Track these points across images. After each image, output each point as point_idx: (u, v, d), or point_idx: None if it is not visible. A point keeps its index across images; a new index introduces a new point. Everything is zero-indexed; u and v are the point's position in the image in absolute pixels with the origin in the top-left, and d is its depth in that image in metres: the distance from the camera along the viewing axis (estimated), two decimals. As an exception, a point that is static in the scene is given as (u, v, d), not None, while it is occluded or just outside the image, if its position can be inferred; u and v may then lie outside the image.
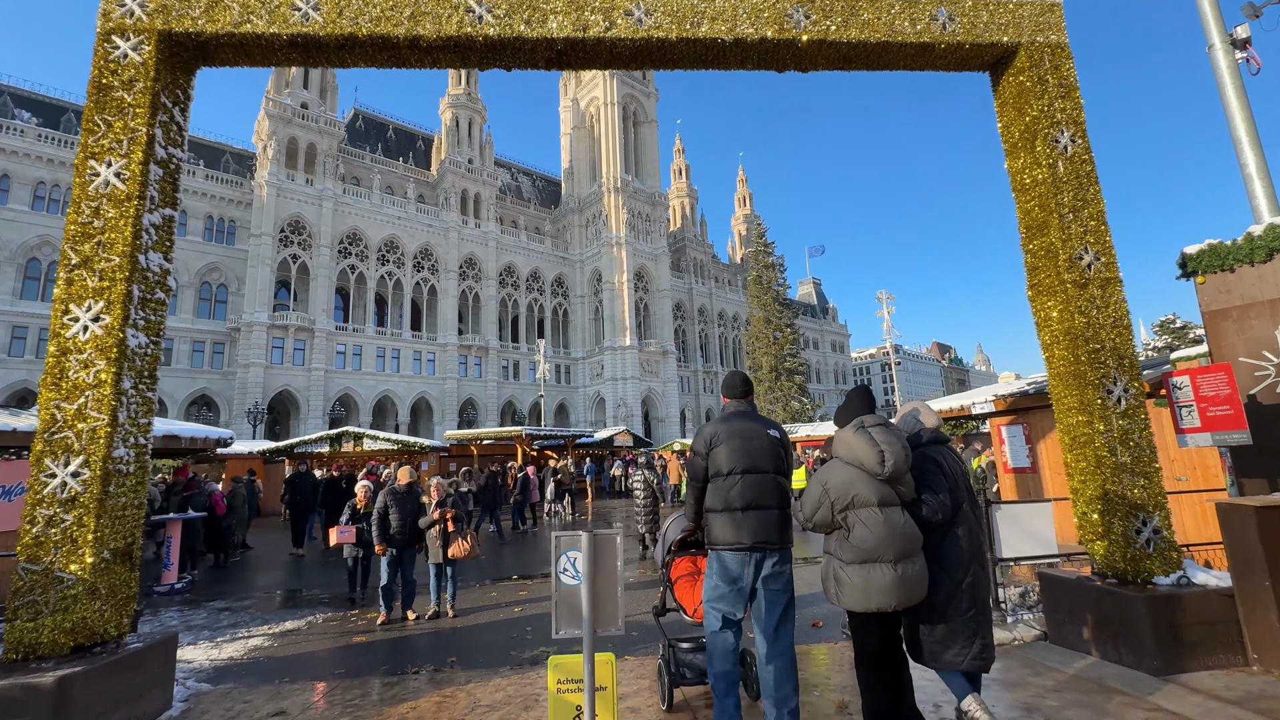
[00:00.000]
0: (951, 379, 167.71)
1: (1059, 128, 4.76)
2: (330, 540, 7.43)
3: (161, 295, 4.24)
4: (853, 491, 2.86)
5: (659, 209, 67.96)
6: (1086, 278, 4.54)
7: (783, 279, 55.08)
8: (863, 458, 2.87)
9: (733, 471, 3.23)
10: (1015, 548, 4.97)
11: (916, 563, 2.80)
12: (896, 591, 2.73)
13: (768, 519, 3.15)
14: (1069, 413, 4.55)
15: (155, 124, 4.14)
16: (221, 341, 45.64)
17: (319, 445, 18.56)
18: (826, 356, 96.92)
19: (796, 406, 51.58)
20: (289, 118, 47.79)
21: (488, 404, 54.77)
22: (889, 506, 2.83)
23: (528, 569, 10.03)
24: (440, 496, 6.70)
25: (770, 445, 3.31)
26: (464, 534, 6.59)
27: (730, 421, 3.40)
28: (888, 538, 2.75)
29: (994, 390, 9.83)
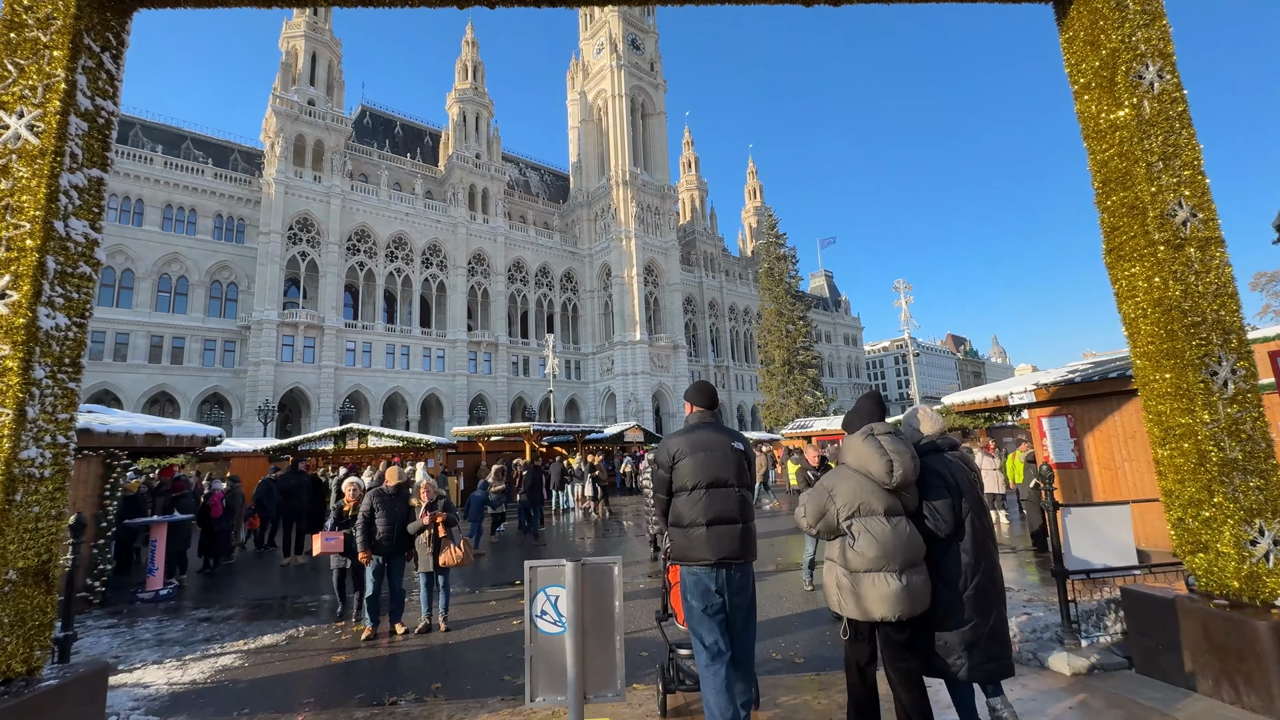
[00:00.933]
0: (967, 372, 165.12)
1: (1143, 61, 4.00)
2: (315, 548, 6.55)
3: (87, 270, 3.65)
4: (859, 500, 2.84)
5: (668, 202, 67.07)
6: (1182, 237, 3.79)
7: (794, 271, 54.01)
8: (871, 466, 2.84)
9: (697, 486, 3.17)
10: (1088, 557, 4.24)
11: (921, 573, 2.78)
12: (901, 602, 2.70)
13: (732, 533, 3.12)
14: (1161, 399, 3.80)
15: (78, 70, 3.54)
16: (232, 340, 45.68)
17: (323, 443, 18.14)
18: (839, 350, 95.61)
19: (810, 400, 50.61)
20: (296, 114, 47.59)
21: (498, 400, 54.44)
22: (895, 516, 2.81)
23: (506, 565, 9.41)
24: (431, 499, 6.12)
25: (734, 458, 3.25)
26: (456, 540, 6.00)
27: (693, 433, 3.32)
28: (894, 548, 2.73)
29: (1034, 379, 9.02)
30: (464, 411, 51.95)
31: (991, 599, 2.82)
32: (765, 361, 54.07)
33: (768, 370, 52.87)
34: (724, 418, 71.74)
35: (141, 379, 41.58)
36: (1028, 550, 9.41)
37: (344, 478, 11.95)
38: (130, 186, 43.22)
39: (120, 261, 42.31)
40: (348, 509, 6.73)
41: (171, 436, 8.51)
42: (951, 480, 2.90)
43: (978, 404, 9.45)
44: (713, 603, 3.05)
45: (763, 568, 8.79)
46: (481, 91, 61.67)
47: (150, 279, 43.03)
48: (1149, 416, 3.92)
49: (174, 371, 42.89)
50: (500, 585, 8.60)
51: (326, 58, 51.51)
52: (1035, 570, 8.20)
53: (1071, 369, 9.77)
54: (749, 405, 74.29)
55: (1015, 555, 9.20)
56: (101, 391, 40.89)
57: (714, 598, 3.06)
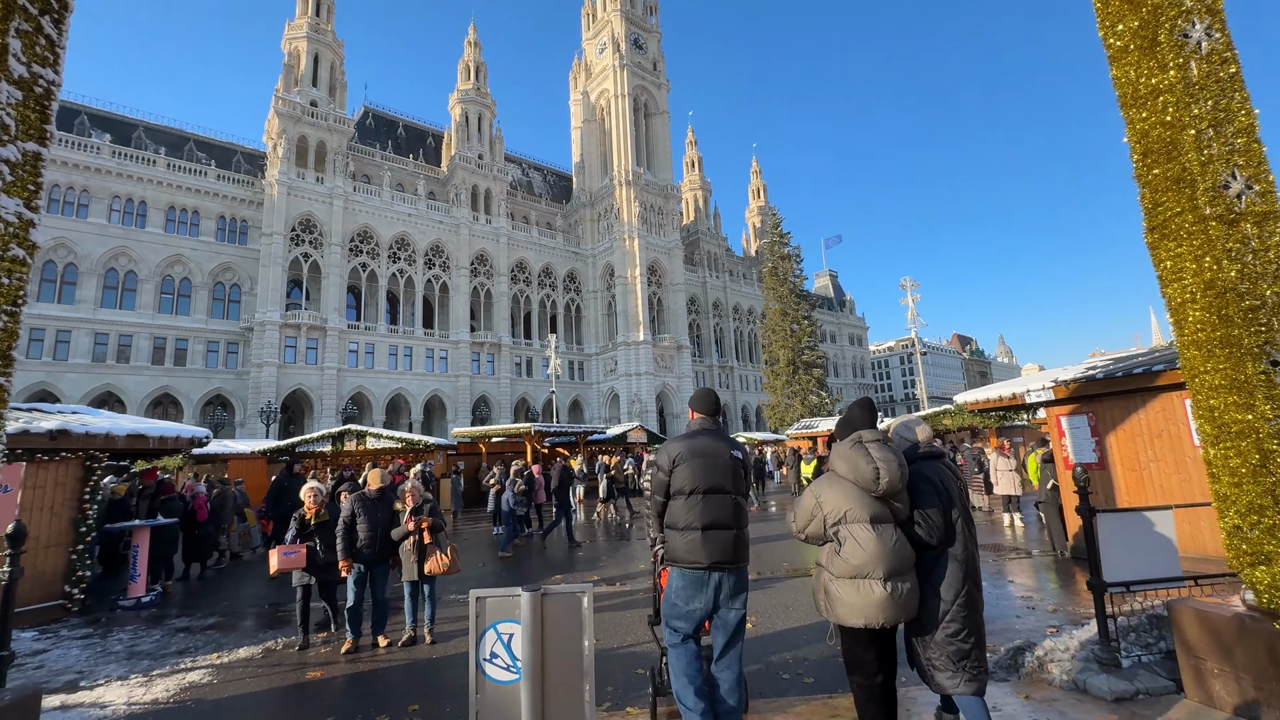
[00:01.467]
0: (973, 371, 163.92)
1: (1188, 18, 3.61)
2: (271, 565, 5.77)
3: (20, 253, 3.32)
4: (846, 506, 2.85)
5: (671, 202, 66.71)
6: (1236, 212, 3.39)
7: (799, 270, 53.56)
8: (858, 473, 2.85)
9: (694, 491, 3.26)
10: (1129, 567, 3.84)
11: (908, 580, 2.78)
12: (886, 609, 2.72)
13: (726, 539, 3.19)
14: (1214, 393, 3.41)
15: (10, 32, 3.21)
16: (235, 341, 45.61)
17: (321, 444, 17.85)
18: (844, 349, 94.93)
19: (815, 400, 50.13)
20: (298, 115, 47.52)
21: (501, 401, 54.20)
22: (882, 524, 2.81)
23: (526, 578, 9.07)
24: (416, 502, 5.74)
25: (731, 466, 3.33)
26: (443, 546, 5.66)
27: (694, 439, 3.40)
28: (879, 555, 2.73)
29: (1052, 375, 8.60)
30: (467, 413, 51.72)
31: (979, 607, 2.87)
32: (770, 361, 53.61)
33: (772, 370, 52.42)
34: (728, 418, 71.31)
35: (145, 381, 41.54)
36: (1045, 555, 8.99)
37: (338, 480, 11.67)
38: (133, 189, 43.21)
39: (124, 264, 42.32)
40: (309, 517, 6.05)
41: (155, 438, 8.20)
42: (942, 487, 2.91)
43: (992, 402, 9.04)
44: (704, 605, 3.17)
45: (775, 573, 8.41)
46: (484, 92, 61.52)
47: (153, 281, 43.01)
48: (1199, 412, 3.52)
49: (177, 373, 42.82)
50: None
51: (329, 59, 51.45)
52: (1055, 577, 7.78)
53: (1091, 365, 9.34)
54: (753, 406, 73.78)
55: (1032, 560, 8.78)
56: (105, 393, 40.87)
57: (706, 599, 3.17)
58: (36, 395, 39.14)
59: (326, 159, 48.85)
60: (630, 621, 6.10)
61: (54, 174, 40.29)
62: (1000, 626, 5.46)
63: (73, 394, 38.74)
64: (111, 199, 42.32)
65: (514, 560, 11.04)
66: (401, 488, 5.87)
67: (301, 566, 5.87)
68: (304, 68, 49.55)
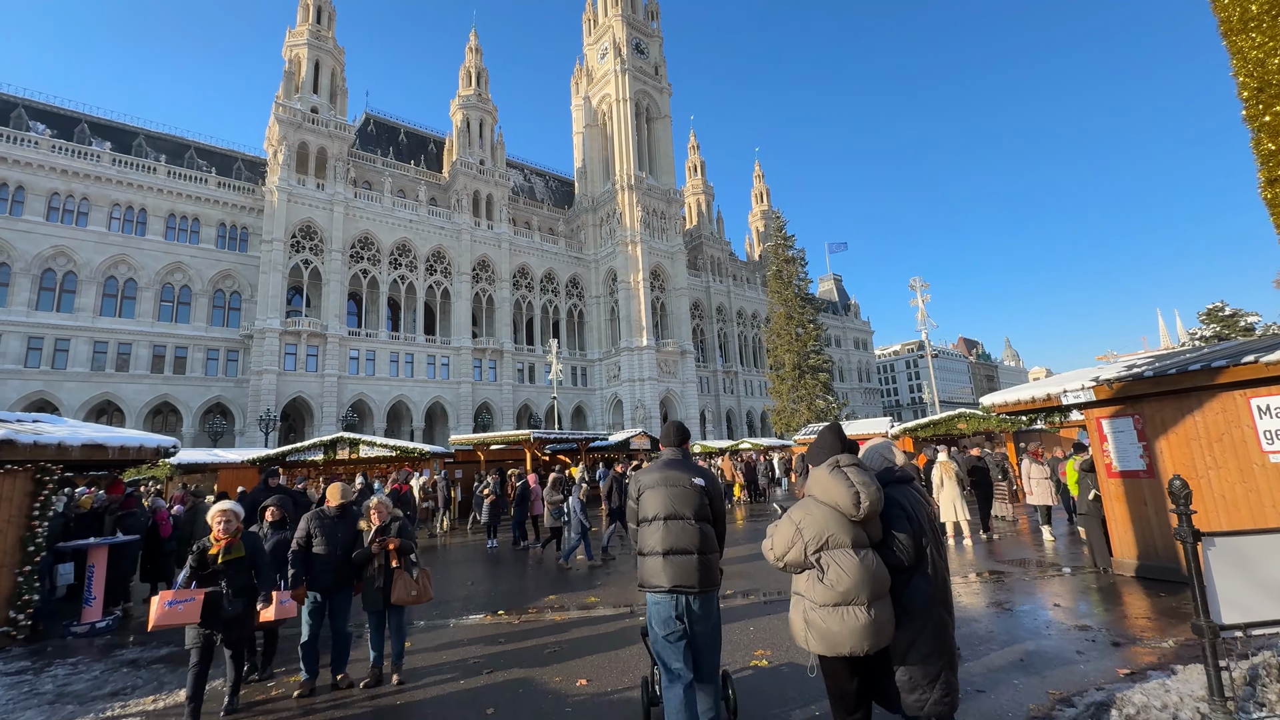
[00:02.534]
0: (979, 375, 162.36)
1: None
2: (151, 616, 4.26)
3: None
4: (828, 532, 2.83)
5: (674, 206, 66.21)
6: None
7: (804, 273, 52.85)
8: (838, 498, 2.84)
9: (656, 518, 3.46)
10: (1247, 607, 3.08)
11: (887, 605, 2.78)
12: (869, 635, 2.69)
13: (687, 564, 3.34)
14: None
15: None
16: (235, 349, 45.20)
17: (312, 453, 17.18)
18: (850, 354, 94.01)
19: (822, 405, 49.27)
20: (299, 122, 47.32)
21: (503, 408, 53.56)
22: (862, 548, 2.80)
23: (516, 599, 8.32)
24: (382, 521, 5.02)
25: (693, 494, 3.50)
26: (413, 570, 4.94)
27: (660, 470, 3.60)
28: (863, 580, 2.72)
29: (1091, 374, 7.83)
30: (469, 420, 51.10)
31: (949, 630, 2.86)
32: (775, 366, 52.81)
33: (778, 375, 51.61)
34: (733, 424, 70.43)
35: (144, 389, 41.13)
36: (1086, 572, 8.17)
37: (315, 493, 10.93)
38: (134, 196, 43.00)
39: (123, 271, 42.05)
40: (215, 551, 4.53)
41: (115, 448, 7.53)
42: (911, 511, 2.91)
43: (1024, 404, 8.26)
44: (674, 629, 3.29)
45: (783, 593, 7.64)
46: (485, 98, 61.34)
47: (153, 289, 42.70)
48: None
49: (176, 381, 42.39)
50: (482, 612, 7.50)
51: (329, 65, 51.34)
52: (1103, 600, 6.96)
53: (1130, 363, 8.56)
54: (758, 411, 72.88)
55: (1074, 579, 7.96)
56: (104, 402, 40.50)
57: (674, 624, 3.29)
58: (35, 405, 38.76)
59: (327, 165, 48.61)
60: (630, 660, 5.37)
61: (54, 182, 40.13)
62: (1060, 666, 4.67)
63: (71, 403, 38.37)
64: (111, 207, 42.11)
65: (511, 574, 10.30)
66: (366, 503, 5.09)
67: (194, 621, 4.29)
68: (305, 74, 49.43)
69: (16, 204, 39.02)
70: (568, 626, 6.59)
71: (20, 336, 37.77)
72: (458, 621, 7.16)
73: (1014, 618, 6.28)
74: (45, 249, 39.26)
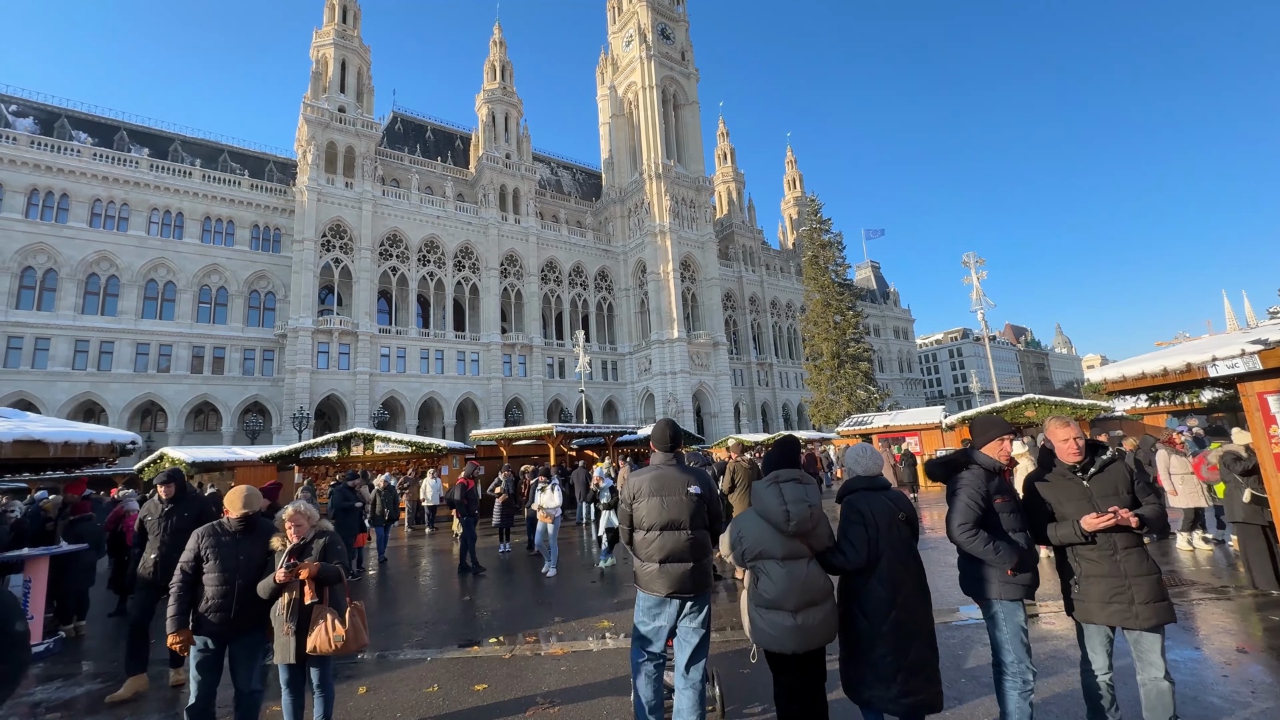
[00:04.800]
0: (1029, 364, 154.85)
1: None
2: None
3: None
4: (761, 545, 3.06)
5: (704, 194, 64.40)
6: None
7: (842, 258, 50.47)
8: (771, 513, 3.04)
9: (652, 527, 3.52)
10: None
11: (819, 611, 2.97)
12: (794, 638, 2.94)
13: (683, 571, 3.45)
14: None
15: None
16: (271, 349, 45.84)
17: (326, 450, 16.53)
18: (889, 344, 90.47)
19: (863, 396, 46.97)
20: (327, 122, 47.58)
21: (533, 403, 53.04)
22: (793, 560, 3.01)
23: (514, 621, 7.03)
24: (300, 537, 3.68)
25: (688, 502, 3.52)
26: (341, 608, 3.64)
27: (654, 474, 3.62)
28: (787, 591, 2.95)
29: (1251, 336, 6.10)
30: (499, 415, 50.76)
31: (912, 633, 2.96)
32: (812, 356, 50.68)
33: (815, 365, 49.50)
34: (769, 417, 68.36)
35: (184, 389, 42.03)
36: (1241, 592, 6.47)
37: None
38: (171, 200, 43.93)
39: (163, 274, 43.01)
40: None
41: (57, 444, 6.60)
42: (870, 517, 3.05)
43: (1152, 379, 6.58)
44: (659, 625, 3.48)
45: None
46: (510, 91, 60.77)
47: (191, 290, 43.58)
48: None
49: (215, 381, 43.19)
50: (470, 644, 6.28)
51: (356, 65, 51.51)
52: (1267, 637, 5.33)
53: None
54: (794, 403, 70.61)
55: (1228, 603, 6.29)
56: (148, 403, 41.56)
57: (660, 622, 3.48)
58: (82, 406, 40.01)
59: (355, 164, 48.78)
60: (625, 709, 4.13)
61: (95, 189, 41.25)
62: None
63: (116, 404, 39.44)
64: (150, 211, 43.09)
65: (501, 588, 9.18)
66: (280, 514, 3.74)
67: None
68: (332, 74, 49.68)
69: (62, 211, 40.24)
70: (569, 665, 5.33)
71: (68, 340, 38.94)
72: (436, 656, 5.89)
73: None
74: (89, 254, 40.39)
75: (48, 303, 39.09)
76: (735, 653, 5.32)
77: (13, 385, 36.66)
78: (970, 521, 3.11)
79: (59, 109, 45.77)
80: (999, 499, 3.16)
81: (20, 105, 45.02)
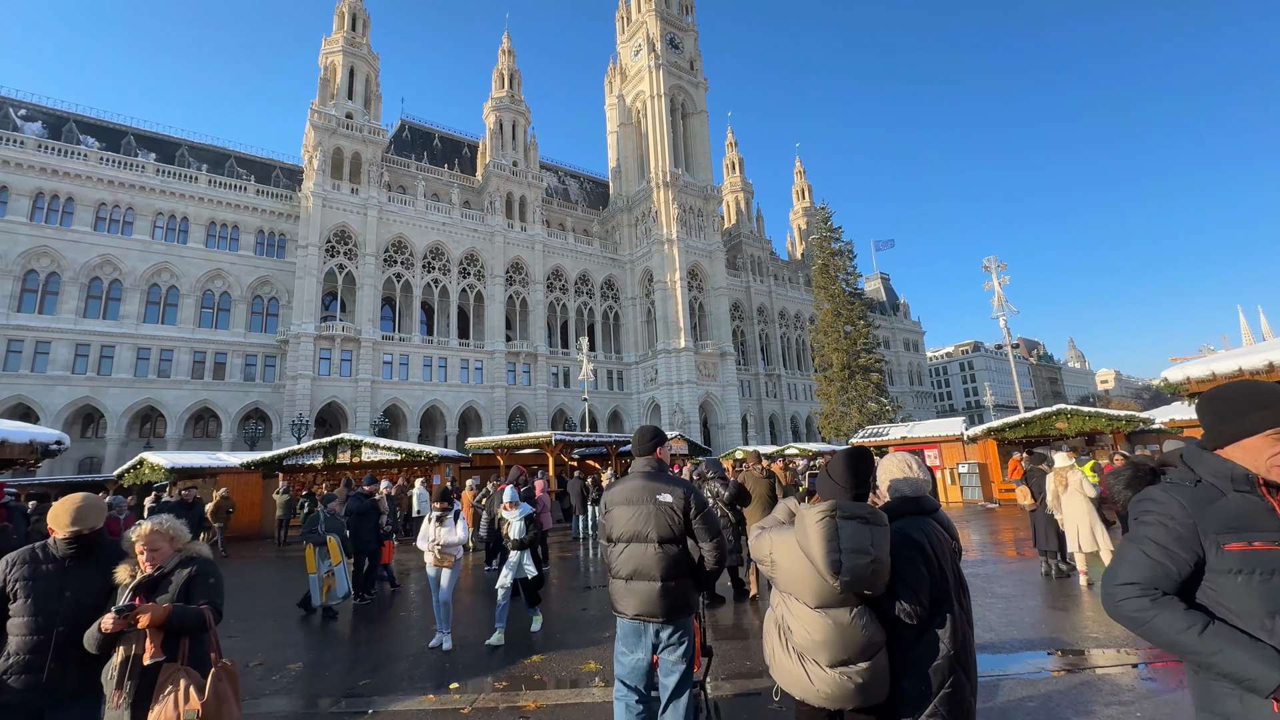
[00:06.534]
0: (1041, 377, 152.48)
1: None
2: None
3: None
4: (792, 586, 2.32)
5: (711, 204, 63.78)
6: None
7: (852, 266, 49.43)
8: (815, 555, 2.20)
9: (619, 539, 3.25)
10: None
11: (867, 669, 2.19)
12: (829, 695, 2.20)
13: (650, 591, 3.10)
14: None
15: None
16: (273, 355, 45.37)
17: (311, 456, 15.68)
18: (900, 356, 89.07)
19: (874, 408, 45.70)
20: (333, 128, 47.47)
21: (537, 412, 52.16)
22: (836, 608, 2.21)
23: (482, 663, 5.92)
24: (158, 566, 2.67)
25: (659, 514, 3.16)
26: (205, 668, 2.57)
27: (625, 485, 3.35)
28: (824, 643, 2.20)
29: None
30: (503, 424, 49.88)
31: (968, 695, 2.27)
32: (822, 367, 49.53)
33: (825, 376, 48.31)
34: (778, 428, 67.03)
35: (185, 395, 41.52)
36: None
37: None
38: (176, 205, 43.79)
39: (166, 279, 42.73)
40: None
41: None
42: (932, 554, 2.26)
43: (1241, 375, 5.56)
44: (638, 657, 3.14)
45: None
46: (518, 99, 60.68)
47: (194, 295, 43.26)
48: None
49: (216, 387, 42.68)
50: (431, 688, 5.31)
51: (364, 71, 51.53)
52: None
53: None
54: (804, 415, 69.28)
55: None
56: (147, 408, 41.07)
57: (638, 650, 3.14)
58: (81, 410, 39.61)
59: (361, 170, 48.58)
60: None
61: (101, 193, 41.14)
62: None
63: (116, 408, 38.97)
64: (155, 216, 42.94)
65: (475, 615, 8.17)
66: (128, 535, 2.70)
67: None
68: (339, 81, 49.69)
69: (67, 215, 40.12)
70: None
71: (69, 344, 38.59)
72: (381, 709, 4.81)
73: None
74: (93, 258, 40.18)
75: (50, 306, 38.82)
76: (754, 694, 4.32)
77: (11, 389, 36.27)
78: (1148, 581, 1.70)
79: (67, 113, 45.95)
80: (1237, 543, 1.63)
81: (29, 109, 45.25)
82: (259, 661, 6.20)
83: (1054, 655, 5.23)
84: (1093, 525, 7.71)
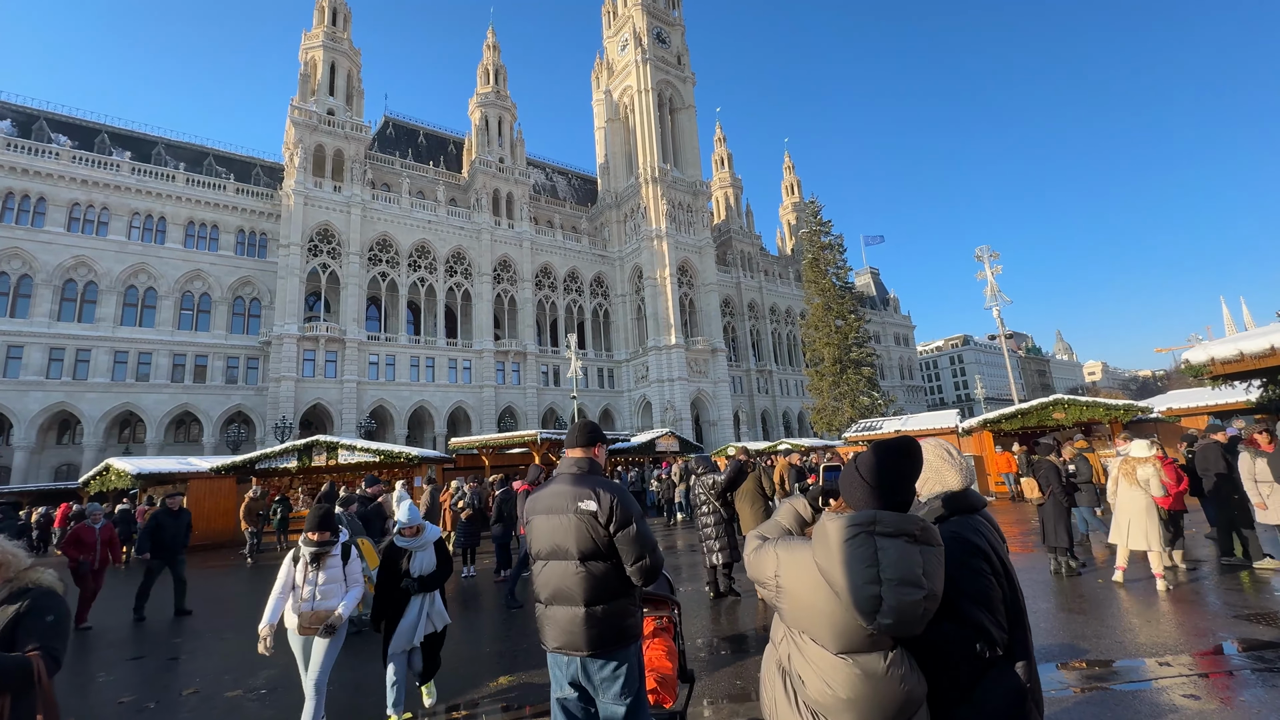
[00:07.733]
0: (1030, 370, 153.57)
1: None
2: None
3: None
4: (806, 623, 1.68)
5: (701, 199, 63.36)
6: None
7: (843, 260, 49.25)
8: (842, 585, 1.57)
9: (539, 555, 2.72)
10: None
11: None
12: None
13: (572, 618, 2.57)
14: None
15: None
16: (255, 356, 44.40)
17: (285, 459, 15.05)
18: (890, 350, 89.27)
19: (866, 402, 45.58)
20: (315, 124, 46.50)
21: (527, 411, 51.53)
22: (865, 653, 1.59)
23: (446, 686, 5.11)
24: (16, 588, 2.13)
25: (580, 525, 2.59)
26: None
27: (548, 489, 2.77)
28: (850, 702, 1.59)
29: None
30: (492, 424, 49.20)
31: None
32: (813, 362, 49.33)
33: (816, 371, 48.14)
34: (769, 424, 66.82)
35: (164, 399, 40.51)
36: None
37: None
38: (153, 205, 42.69)
39: (143, 280, 41.66)
40: None
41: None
42: (998, 561, 1.78)
43: (1265, 359, 5.18)
44: (565, 696, 2.65)
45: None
46: (504, 95, 59.91)
47: (173, 297, 42.21)
48: None
49: (196, 390, 41.69)
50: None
51: (345, 67, 50.55)
52: None
53: None
54: (795, 411, 69.13)
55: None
56: (126, 413, 40.03)
57: (564, 689, 2.65)
58: (56, 416, 38.53)
59: (344, 167, 47.65)
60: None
61: (74, 192, 40.00)
62: None
63: (93, 414, 37.95)
64: (131, 216, 41.84)
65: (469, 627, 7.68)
66: None
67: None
68: (320, 77, 48.70)
69: (38, 215, 38.98)
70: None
71: (42, 348, 37.50)
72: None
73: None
74: (66, 259, 39.06)
75: (22, 309, 37.72)
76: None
77: (-19, 395, 35.21)
78: None
79: (38, 111, 44.66)
80: None
81: (-2, 107, 43.94)
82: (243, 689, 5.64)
83: (1073, 668, 4.77)
84: (1147, 523, 7.03)
